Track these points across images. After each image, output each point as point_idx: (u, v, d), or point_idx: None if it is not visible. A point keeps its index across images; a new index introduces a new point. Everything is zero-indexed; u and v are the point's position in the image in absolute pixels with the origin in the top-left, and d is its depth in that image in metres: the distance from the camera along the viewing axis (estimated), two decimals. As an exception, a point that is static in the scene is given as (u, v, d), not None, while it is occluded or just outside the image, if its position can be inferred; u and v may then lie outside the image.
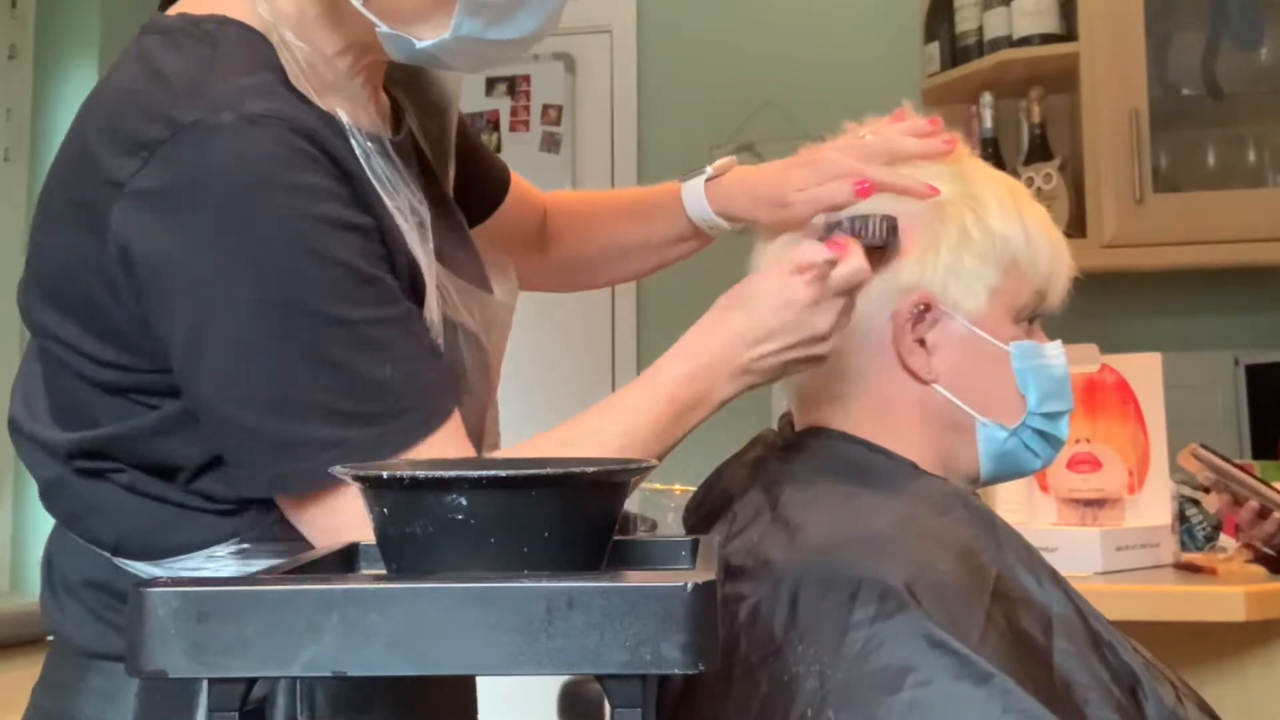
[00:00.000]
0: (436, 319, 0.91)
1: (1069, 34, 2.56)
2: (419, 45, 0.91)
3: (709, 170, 1.16)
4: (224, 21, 0.89)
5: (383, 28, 0.90)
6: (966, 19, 2.68)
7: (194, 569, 0.89)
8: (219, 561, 0.89)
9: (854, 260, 0.92)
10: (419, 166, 1.03)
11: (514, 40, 0.93)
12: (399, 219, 0.90)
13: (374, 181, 0.89)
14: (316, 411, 0.83)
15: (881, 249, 0.99)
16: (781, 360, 0.93)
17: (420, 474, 0.60)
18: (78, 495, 0.92)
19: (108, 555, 0.91)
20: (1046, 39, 2.57)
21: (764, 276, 0.94)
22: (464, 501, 0.59)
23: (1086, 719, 0.86)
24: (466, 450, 0.89)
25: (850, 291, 0.93)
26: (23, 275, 0.94)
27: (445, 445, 0.86)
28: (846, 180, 1.01)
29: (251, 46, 0.88)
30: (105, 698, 0.90)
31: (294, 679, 0.78)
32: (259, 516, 0.89)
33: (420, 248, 0.91)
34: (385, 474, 0.61)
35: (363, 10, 0.90)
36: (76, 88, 2.80)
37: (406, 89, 1.08)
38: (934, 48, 2.76)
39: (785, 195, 1.05)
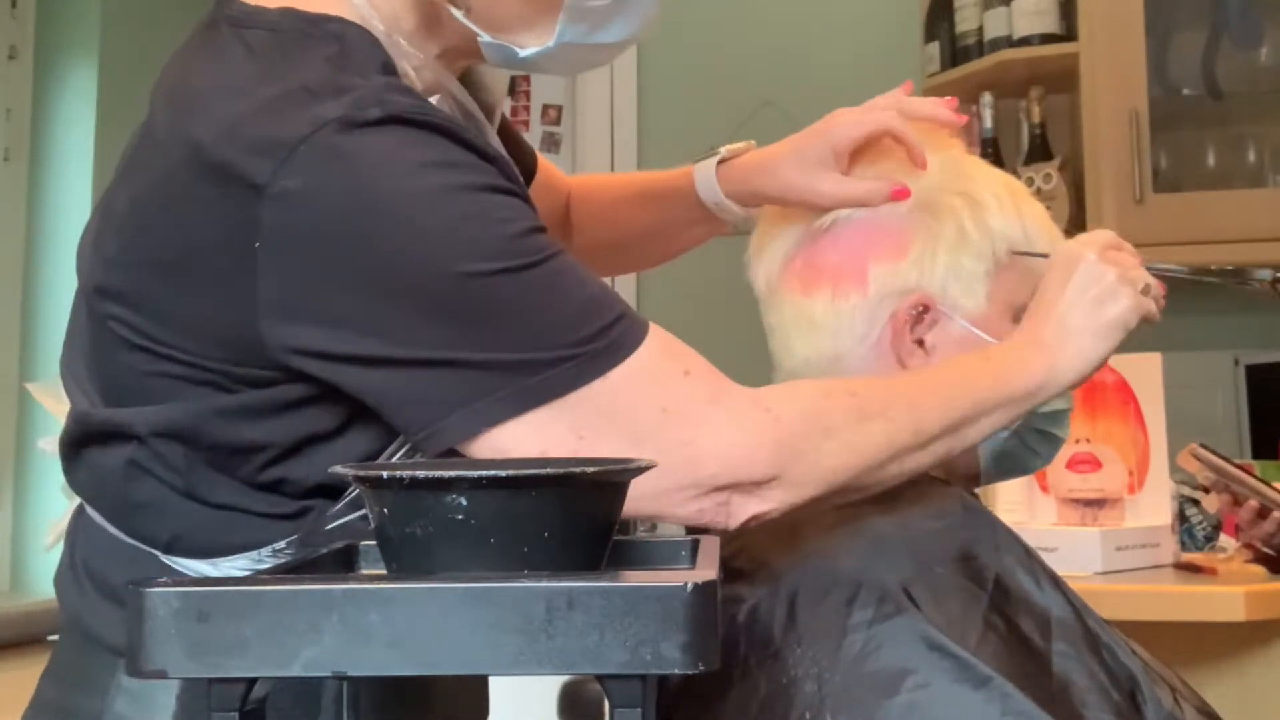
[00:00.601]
0: None
1: (1069, 34, 2.56)
2: (522, 54, 0.91)
3: (722, 152, 1.15)
4: (345, 23, 0.87)
5: (485, 38, 0.90)
6: (966, 19, 2.68)
7: (245, 569, 0.88)
8: (274, 559, 0.88)
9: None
10: None
11: (614, 44, 0.93)
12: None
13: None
14: (542, 339, 0.81)
15: None
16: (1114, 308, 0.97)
17: (420, 474, 0.60)
18: (132, 490, 0.89)
19: (157, 553, 0.89)
20: (1046, 39, 2.57)
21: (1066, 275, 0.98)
22: (464, 502, 0.59)
23: (1085, 720, 0.86)
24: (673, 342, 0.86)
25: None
26: (98, 261, 0.89)
27: (662, 339, 0.85)
28: (886, 185, 1.02)
29: (375, 48, 0.87)
30: (136, 699, 0.89)
31: (341, 682, 0.78)
32: (319, 516, 0.88)
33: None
34: (385, 474, 0.61)
35: (464, 21, 0.89)
36: (76, 88, 2.79)
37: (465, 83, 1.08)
38: (934, 48, 2.76)
39: (813, 180, 1.04)
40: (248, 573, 0.88)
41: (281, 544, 0.88)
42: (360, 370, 0.82)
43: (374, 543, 0.66)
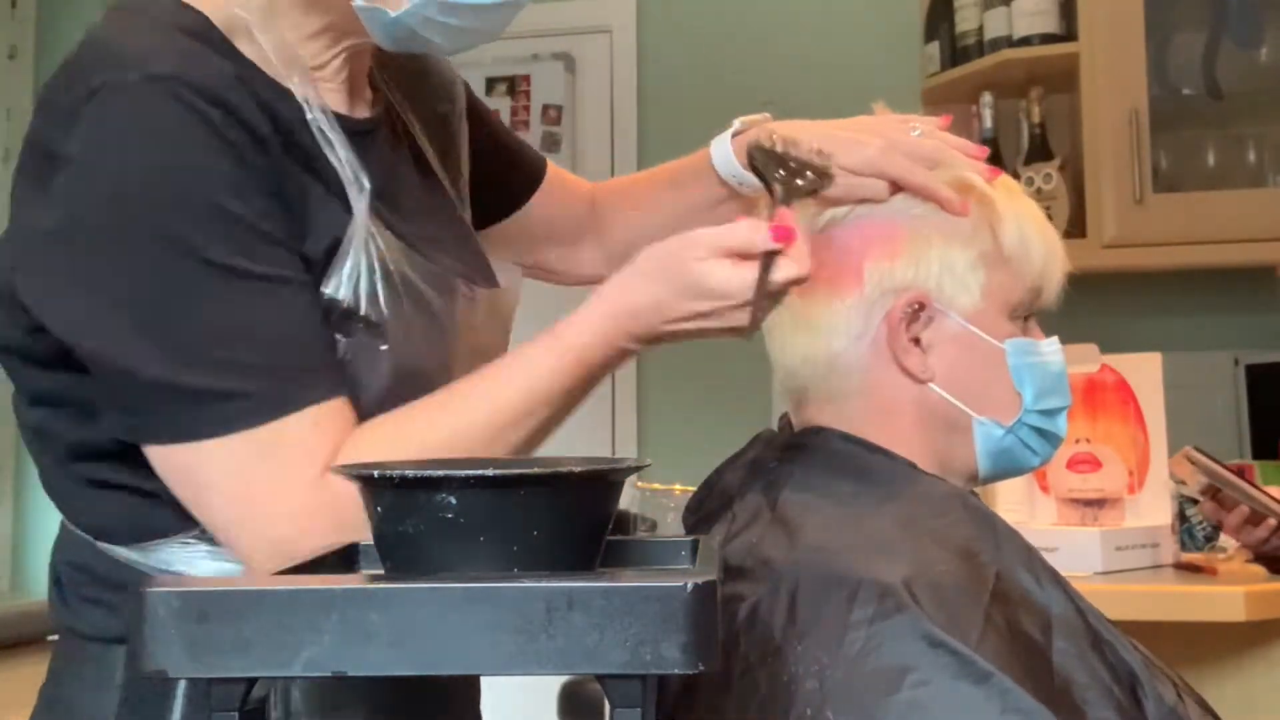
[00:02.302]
0: (359, 260, 0.91)
1: (1069, 34, 2.56)
2: (392, 15, 0.91)
3: (736, 124, 1.14)
4: None
5: (358, 1, 0.91)
6: (966, 19, 2.68)
7: (167, 556, 0.91)
8: (192, 549, 0.90)
9: (798, 263, 0.87)
10: (403, 160, 1.04)
11: (485, 4, 0.91)
12: (343, 178, 0.92)
13: (321, 144, 0.91)
14: (206, 364, 0.84)
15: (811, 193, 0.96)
16: (690, 336, 0.91)
17: (410, 473, 0.60)
18: (60, 480, 0.94)
19: (93, 541, 0.93)
20: (1046, 39, 2.57)
21: (696, 257, 0.88)
22: (453, 500, 0.60)
23: (1086, 718, 0.86)
24: (340, 431, 0.87)
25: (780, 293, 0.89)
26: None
27: (317, 419, 0.86)
28: (886, 184, 1.02)
29: (180, 15, 0.90)
30: (91, 683, 0.92)
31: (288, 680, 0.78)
32: None
33: (355, 200, 0.92)
34: (376, 473, 0.61)
35: None
36: (77, 88, 2.80)
37: (405, 96, 1.09)
38: (934, 48, 2.76)
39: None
40: (170, 556, 0.91)
41: (196, 530, 0.90)
42: (81, 344, 0.86)
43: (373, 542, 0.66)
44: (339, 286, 0.90)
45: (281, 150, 0.89)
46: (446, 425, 0.89)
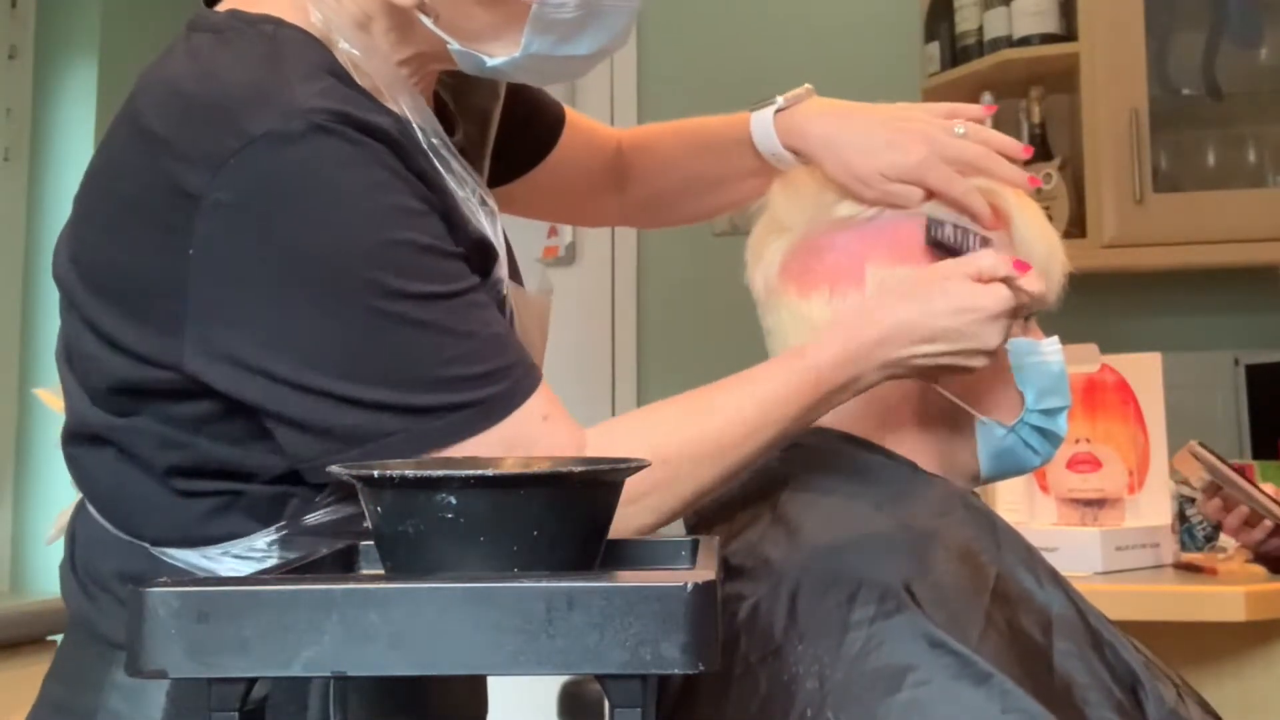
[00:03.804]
0: (506, 294, 0.93)
1: (1069, 34, 2.56)
2: (490, 63, 0.92)
3: (779, 101, 1.14)
4: (280, 24, 0.89)
5: (454, 45, 0.91)
6: (966, 19, 2.68)
7: (238, 556, 0.90)
8: (263, 550, 0.90)
9: (1035, 283, 0.93)
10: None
11: (583, 56, 0.93)
12: (468, 207, 0.91)
13: (443, 171, 0.91)
14: (420, 383, 0.84)
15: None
16: (938, 363, 0.92)
17: (410, 473, 0.60)
18: (116, 486, 0.92)
19: (146, 546, 0.91)
20: (1046, 39, 2.57)
21: (945, 276, 0.93)
22: (453, 500, 0.60)
23: (1087, 719, 0.86)
24: (559, 410, 0.89)
25: (1021, 313, 0.94)
26: (63, 249, 0.93)
27: (545, 398, 0.88)
28: (920, 191, 1.02)
29: (310, 49, 0.89)
30: (129, 694, 0.90)
31: (326, 681, 0.78)
32: (301, 505, 0.90)
33: (491, 231, 0.93)
34: (376, 473, 0.61)
35: (434, 29, 0.90)
36: (76, 88, 2.80)
37: (453, 92, 1.08)
38: (934, 48, 2.76)
39: (869, 175, 1.04)
40: (240, 561, 0.89)
41: (272, 534, 0.90)
42: (266, 384, 0.84)
43: (373, 542, 0.66)
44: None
45: (423, 175, 0.89)
46: (695, 426, 0.91)
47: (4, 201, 2.75)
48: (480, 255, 0.92)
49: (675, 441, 0.90)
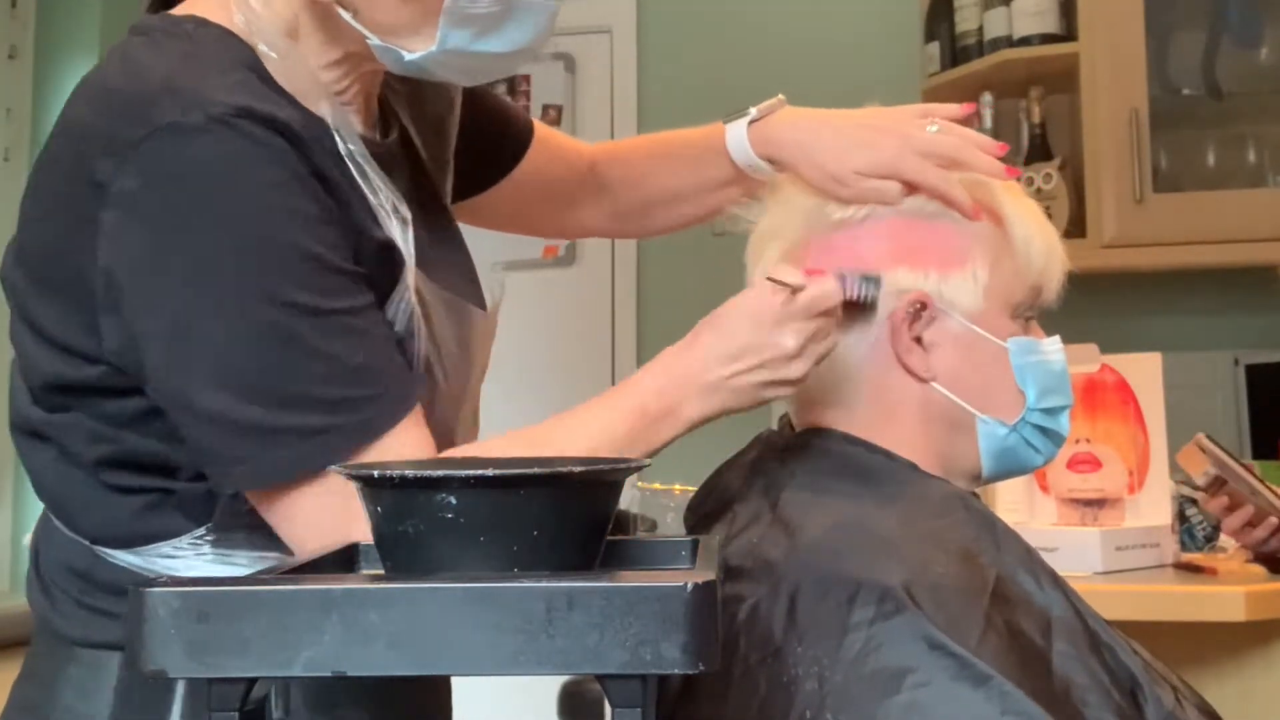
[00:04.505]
0: (411, 303, 0.93)
1: (1069, 34, 2.56)
2: (408, 58, 0.92)
3: (752, 112, 1.14)
4: (203, 23, 0.91)
5: (373, 40, 0.91)
6: (966, 19, 2.68)
7: (167, 556, 0.91)
8: (195, 548, 0.91)
9: (822, 285, 0.92)
10: (411, 174, 1.04)
11: (503, 53, 0.93)
12: (380, 214, 0.92)
13: (357, 177, 0.91)
14: (297, 401, 0.85)
15: (863, 306, 0.99)
16: (752, 380, 0.92)
17: (410, 473, 0.60)
18: (57, 484, 0.95)
19: (89, 545, 0.93)
20: (1046, 39, 2.57)
21: (738, 296, 0.94)
22: (453, 500, 0.60)
23: (1086, 720, 0.86)
24: (426, 441, 0.89)
25: (820, 315, 0.92)
26: (9, 250, 0.95)
27: (407, 436, 0.87)
28: (899, 186, 1.02)
29: (228, 46, 0.90)
30: (81, 688, 0.92)
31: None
32: (230, 503, 0.90)
33: (401, 239, 0.93)
34: (377, 473, 0.61)
35: (353, 23, 0.91)
36: (76, 88, 2.80)
37: (408, 100, 1.09)
38: (934, 48, 2.76)
39: (844, 174, 1.04)
40: (171, 561, 0.91)
41: (200, 531, 0.91)
42: (154, 375, 0.86)
43: (373, 542, 0.66)
44: (394, 318, 0.92)
45: (325, 178, 0.89)
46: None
47: (4, 201, 2.75)
48: (386, 262, 0.92)
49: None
